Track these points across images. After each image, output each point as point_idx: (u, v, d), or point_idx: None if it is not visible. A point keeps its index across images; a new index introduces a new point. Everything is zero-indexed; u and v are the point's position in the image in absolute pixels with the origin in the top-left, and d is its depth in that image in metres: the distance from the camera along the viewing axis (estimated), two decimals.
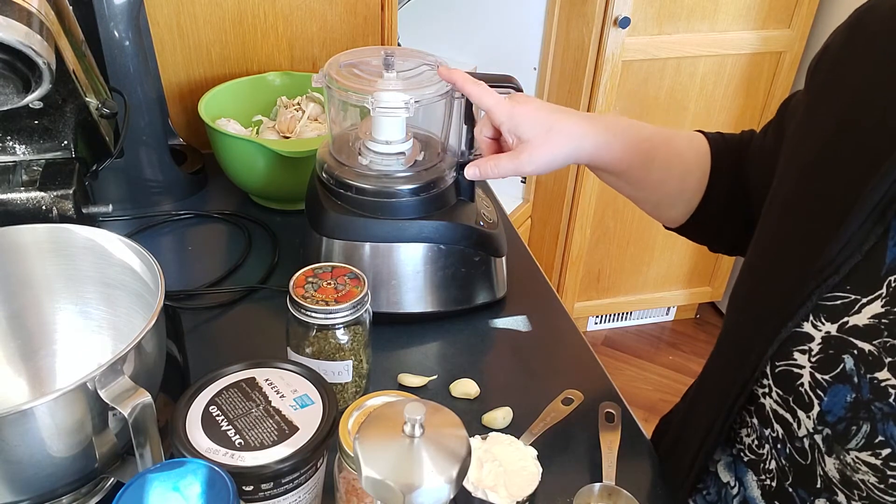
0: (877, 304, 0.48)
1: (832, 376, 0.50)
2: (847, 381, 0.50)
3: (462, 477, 0.44)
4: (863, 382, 0.49)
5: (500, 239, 0.87)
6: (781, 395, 0.55)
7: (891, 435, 0.46)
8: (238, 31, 1.15)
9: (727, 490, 0.63)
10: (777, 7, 1.87)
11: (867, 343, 0.49)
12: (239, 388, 0.57)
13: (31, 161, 0.79)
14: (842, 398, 0.50)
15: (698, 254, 2.27)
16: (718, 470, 0.65)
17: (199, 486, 0.45)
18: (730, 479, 0.63)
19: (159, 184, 1.05)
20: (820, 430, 0.51)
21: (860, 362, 0.49)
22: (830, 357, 0.51)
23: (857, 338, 0.49)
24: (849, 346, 0.50)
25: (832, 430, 0.50)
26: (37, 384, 0.68)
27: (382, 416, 0.46)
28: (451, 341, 0.85)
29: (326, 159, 0.84)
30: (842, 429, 0.50)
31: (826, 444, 0.51)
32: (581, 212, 2.08)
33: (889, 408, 0.46)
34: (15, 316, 0.68)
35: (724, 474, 0.64)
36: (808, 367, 0.52)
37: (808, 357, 0.52)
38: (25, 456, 0.50)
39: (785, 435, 0.55)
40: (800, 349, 0.53)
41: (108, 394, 0.51)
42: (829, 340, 0.51)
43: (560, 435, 0.73)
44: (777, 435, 0.56)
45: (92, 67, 0.84)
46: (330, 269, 0.71)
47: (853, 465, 0.49)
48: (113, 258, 0.65)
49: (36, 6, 0.64)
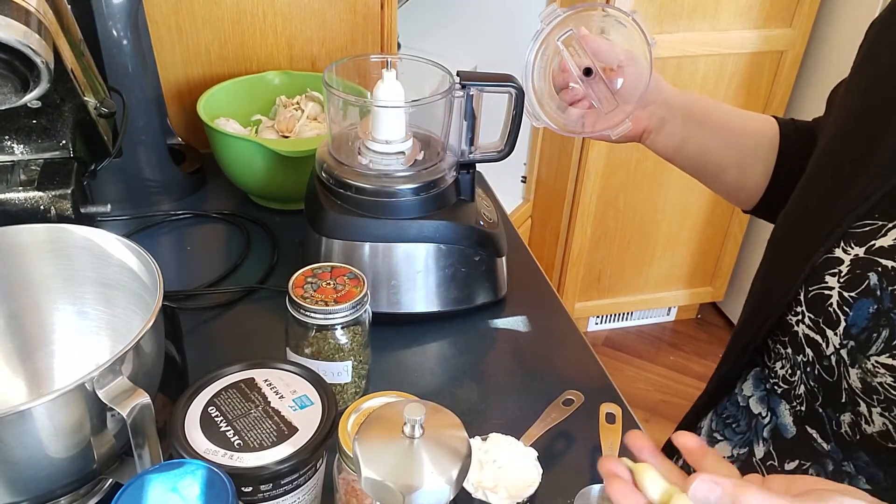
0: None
1: (858, 293, 0.55)
2: (871, 296, 0.54)
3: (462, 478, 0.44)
4: (884, 294, 0.53)
5: (501, 239, 0.87)
6: (812, 318, 0.59)
7: None
8: (237, 30, 1.15)
9: (758, 420, 0.68)
10: (778, 6, 1.87)
11: (891, 260, 0.54)
12: (238, 389, 0.57)
13: (30, 161, 0.78)
14: (865, 311, 0.55)
15: (699, 254, 2.27)
16: (750, 404, 0.69)
17: (197, 487, 0.44)
18: (762, 409, 0.68)
19: (158, 183, 1.05)
20: (845, 345, 0.56)
21: (883, 277, 0.54)
22: (857, 276, 0.56)
23: (882, 257, 0.55)
24: (874, 265, 0.55)
25: (855, 341, 0.55)
26: (35, 385, 0.68)
27: (382, 417, 0.46)
28: (451, 341, 0.85)
29: (326, 159, 0.84)
30: (864, 338, 0.54)
31: (850, 357, 0.55)
32: (581, 211, 2.08)
33: None
34: (13, 316, 0.67)
35: (756, 406, 0.68)
36: (837, 288, 0.57)
37: (837, 279, 0.57)
38: (24, 457, 0.50)
39: (814, 356, 0.60)
40: (830, 272, 0.58)
41: (107, 394, 0.50)
42: (857, 262, 0.56)
43: (560, 436, 0.73)
44: (808, 358, 0.61)
45: (90, 67, 0.83)
46: (329, 269, 0.71)
47: (873, 370, 0.53)
48: (111, 258, 0.65)
49: (34, 5, 0.64)
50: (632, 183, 2.07)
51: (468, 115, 0.82)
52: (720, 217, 2.19)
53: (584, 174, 2.01)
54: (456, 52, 2.01)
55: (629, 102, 0.72)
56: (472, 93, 0.81)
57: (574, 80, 0.72)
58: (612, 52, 0.71)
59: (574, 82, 0.73)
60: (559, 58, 0.73)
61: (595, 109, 0.74)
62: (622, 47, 0.72)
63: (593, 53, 0.71)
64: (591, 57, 0.71)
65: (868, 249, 0.56)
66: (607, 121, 0.74)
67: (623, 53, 0.72)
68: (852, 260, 0.57)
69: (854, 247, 0.57)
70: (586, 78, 0.72)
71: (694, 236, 2.23)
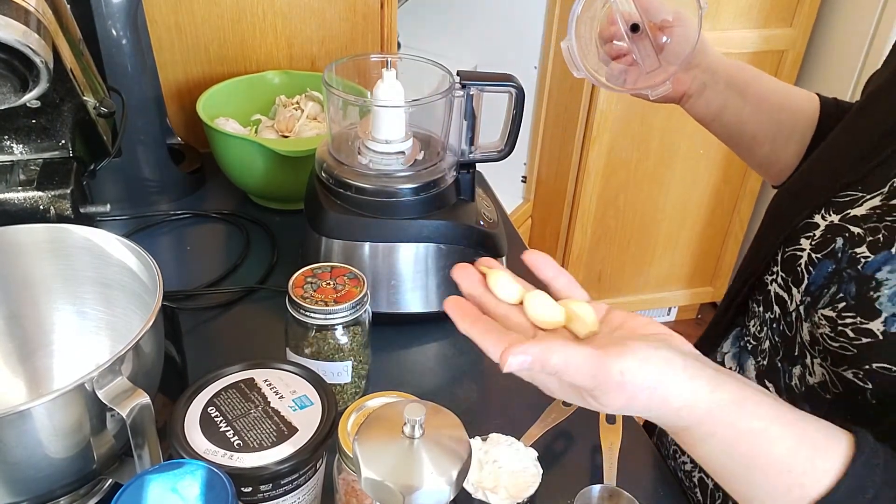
0: (876, 199, 0.57)
1: (823, 254, 0.59)
2: (832, 257, 0.58)
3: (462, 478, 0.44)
4: (844, 256, 0.57)
5: (501, 238, 0.87)
6: (784, 278, 0.63)
7: (847, 291, 0.54)
8: (237, 29, 1.15)
9: None
10: (779, 6, 1.87)
11: (858, 227, 0.57)
12: (238, 389, 0.57)
13: (29, 160, 0.78)
14: (825, 270, 0.58)
15: (700, 254, 2.27)
16: (725, 360, 0.72)
17: (197, 487, 0.44)
18: (732, 365, 0.71)
19: (157, 183, 1.05)
20: (804, 301, 0.59)
21: (848, 242, 0.57)
22: (827, 240, 0.59)
23: (852, 224, 0.57)
24: (844, 230, 0.58)
25: (811, 297, 0.58)
26: (34, 385, 0.68)
27: (382, 417, 0.46)
28: (451, 341, 0.85)
29: (326, 158, 0.84)
30: (817, 294, 0.58)
31: (805, 311, 0.59)
32: (581, 211, 2.08)
33: (855, 272, 0.55)
34: (12, 316, 0.67)
35: (728, 362, 0.72)
36: (808, 250, 0.60)
37: (810, 241, 0.60)
38: (23, 457, 0.50)
39: (780, 313, 0.63)
40: (806, 235, 0.61)
41: (106, 394, 0.50)
42: (830, 227, 0.59)
43: (560, 436, 0.73)
44: (774, 315, 0.64)
45: (90, 66, 0.83)
46: (329, 269, 0.71)
47: (817, 322, 0.56)
48: (111, 258, 0.65)
49: (34, 5, 0.64)
50: (632, 183, 2.07)
51: (468, 115, 0.82)
52: (720, 217, 2.19)
53: (584, 174, 2.01)
54: (456, 52, 2.01)
55: (672, 63, 0.72)
56: (472, 92, 0.81)
57: (620, 35, 0.72)
58: (661, 9, 0.71)
59: (619, 38, 0.72)
60: (608, 8, 0.72)
61: (637, 66, 0.73)
62: (672, 7, 0.72)
63: (643, 9, 0.71)
64: (641, 12, 0.70)
65: (843, 217, 0.58)
66: (648, 80, 0.73)
67: (672, 13, 0.71)
68: (827, 226, 0.59)
69: (832, 214, 0.60)
70: (633, 33, 0.71)
71: (694, 236, 2.23)
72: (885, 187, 0.56)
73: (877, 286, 0.52)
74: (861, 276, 0.54)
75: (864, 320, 0.52)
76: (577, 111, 1.92)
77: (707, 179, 2.11)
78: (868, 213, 0.56)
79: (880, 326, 0.51)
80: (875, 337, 0.51)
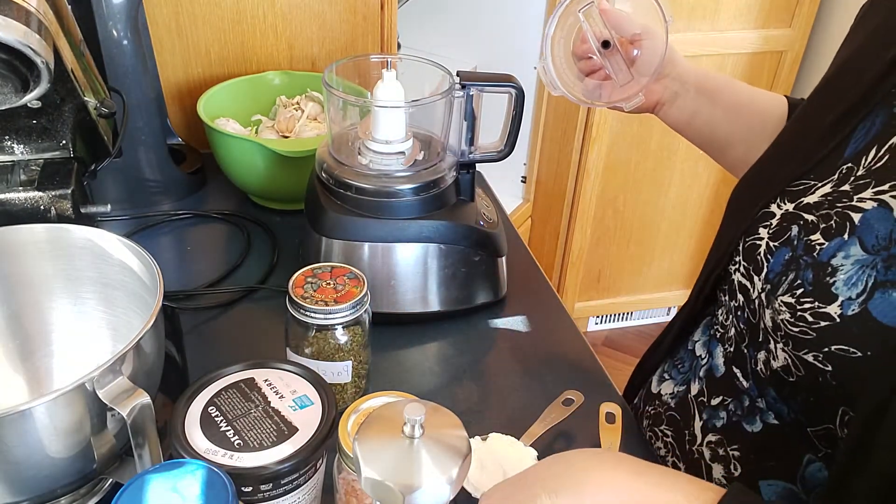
0: (827, 187, 0.59)
1: (780, 242, 0.61)
2: (789, 245, 0.60)
3: (462, 478, 0.44)
4: (800, 243, 0.59)
5: (500, 238, 0.87)
6: (745, 266, 0.65)
7: (805, 278, 0.56)
8: (237, 30, 1.15)
9: (697, 362, 0.73)
10: (778, 6, 1.87)
11: (811, 214, 0.59)
12: (238, 389, 0.57)
13: (30, 161, 0.78)
14: (782, 257, 0.60)
15: (699, 254, 2.27)
16: (696, 348, 0.75)
17: (197, 486, 0.45)
18: (702, 352, 0.73)
19: (158, 184, 1.05)
20: (764, 289, 0.61)
21: (802, 229, 0.59)
22: (783, 228, 0.61)
23: (806, 212, 0.59)
24: (799, 218, 0.60)
25: (771, 284, 0.60)
26: (35, 385, 0.68)
27: (382, 417, 0.46)
28: (450, 341, 0.85)
29: (326, 159, 0.84)
30: (776, 282, 0.59)
31: (767, 299, 0.60)
32: (581, 212, 2.08)
33: (812, 259, 0.57)
34: (13, 316, 0.67)
35: (699, 350, 0.74)
36: (766, 238, 0.62)
37: (767, 230, 0.63)
38: (24, 457, 0.50)
39: (744, 301, 0.64)
40: (764, 225, 0.63)
41: (107, 394, 0.50)
42: (785, 216, 0.61)
43: (560, 436, 0.73)
44: (738, 304, 0.66)
45: (90, 67, 0.83)
46: (329, 269, 0.71)
47: (778, 308, 0.58)
48: (111, 258, 0.65)
49: (34, 5, 0.64)
50: (632, 183, 2.07)
51: (468, 115, 0.83)
52: (720, 217, 2.18)
53: (584, 174, 2.01)
54: (456, 52, 2.01)
55: (644, 75, 0.75)
56: (471, 93, 0.81)
57: (592, 52, 0.75)
58: (630, 25, 0.74)
59: (592, 53, 0.75)
60: (579, 27, 0.75)
61: (611, 81, 0.76)
62: (641, 21, 0.75)
63: (613, 26, 0.74)
64: (610, 29, 0.74)
65: (797, 205, 0.61)
66: (623, 92, 0.76)
67: (640, 27, 0.74)
68: (782, 214, 0.62)
69: (787, 203, 0.62)
70: (604, 50, 0.75)
71: (693, 236, 2.23)
72: (835, 175, 0.59)
73: (832, 272, 0.54)
74: (817, 262, 0.56)
75: (822, 305, 0.54)
76: (576, 112, 1.92)
77: (706, 180, 2.11)
78: (820, 200, 0.59)
79: (837, 310, 0.53)
80: (833, 320, 0.53)
